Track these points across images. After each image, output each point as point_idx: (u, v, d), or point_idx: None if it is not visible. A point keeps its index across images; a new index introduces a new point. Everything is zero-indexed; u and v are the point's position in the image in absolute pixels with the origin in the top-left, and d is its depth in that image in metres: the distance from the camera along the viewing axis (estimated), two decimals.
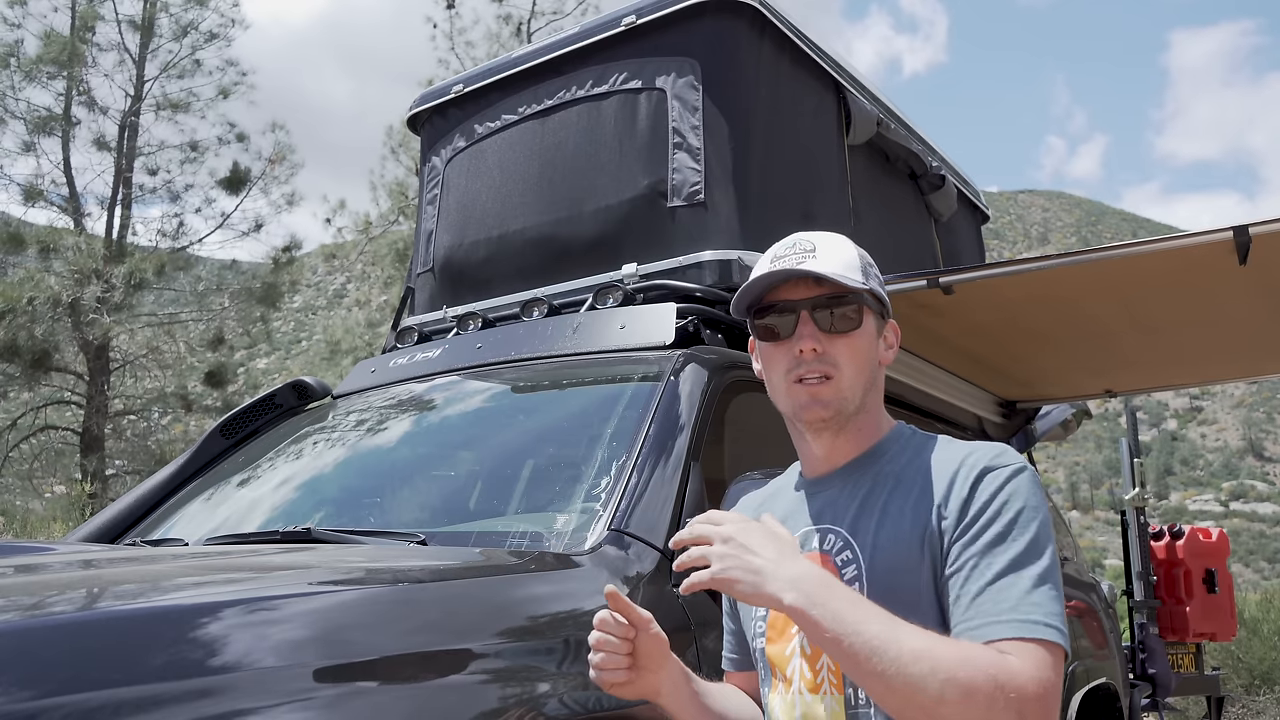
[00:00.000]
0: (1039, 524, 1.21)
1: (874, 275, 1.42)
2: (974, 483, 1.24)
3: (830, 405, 1.34)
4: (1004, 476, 1.24)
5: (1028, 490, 1.24)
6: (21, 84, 13.93)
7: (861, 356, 1.37)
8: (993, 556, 1.18)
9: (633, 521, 1.93)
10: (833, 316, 1.35)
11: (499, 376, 2.77)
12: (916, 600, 1.22)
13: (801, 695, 1.30)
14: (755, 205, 2.95)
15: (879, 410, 1.42)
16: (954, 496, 1.24)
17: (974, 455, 1.28)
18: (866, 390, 1.38)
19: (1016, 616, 1.13)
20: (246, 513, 2.54)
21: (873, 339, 1.39)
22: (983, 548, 1.19)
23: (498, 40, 15.33)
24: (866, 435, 1.39)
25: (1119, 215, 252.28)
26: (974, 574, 1.18)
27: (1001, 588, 1.16)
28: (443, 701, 1.35)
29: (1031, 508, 1.22)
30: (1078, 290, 2.96)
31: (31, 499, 13.24)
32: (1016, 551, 1.18)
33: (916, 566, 1.24)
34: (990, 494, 1.23)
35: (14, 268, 13.57)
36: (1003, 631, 1.13)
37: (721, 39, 3.01)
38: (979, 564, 1.18)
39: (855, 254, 1.40)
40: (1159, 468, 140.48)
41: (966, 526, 1.21)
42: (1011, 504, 1.22)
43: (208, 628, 1.20)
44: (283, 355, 50.81)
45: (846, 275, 1.35)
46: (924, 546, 1.24)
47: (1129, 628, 4.68)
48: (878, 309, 1.41)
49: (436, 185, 3.60)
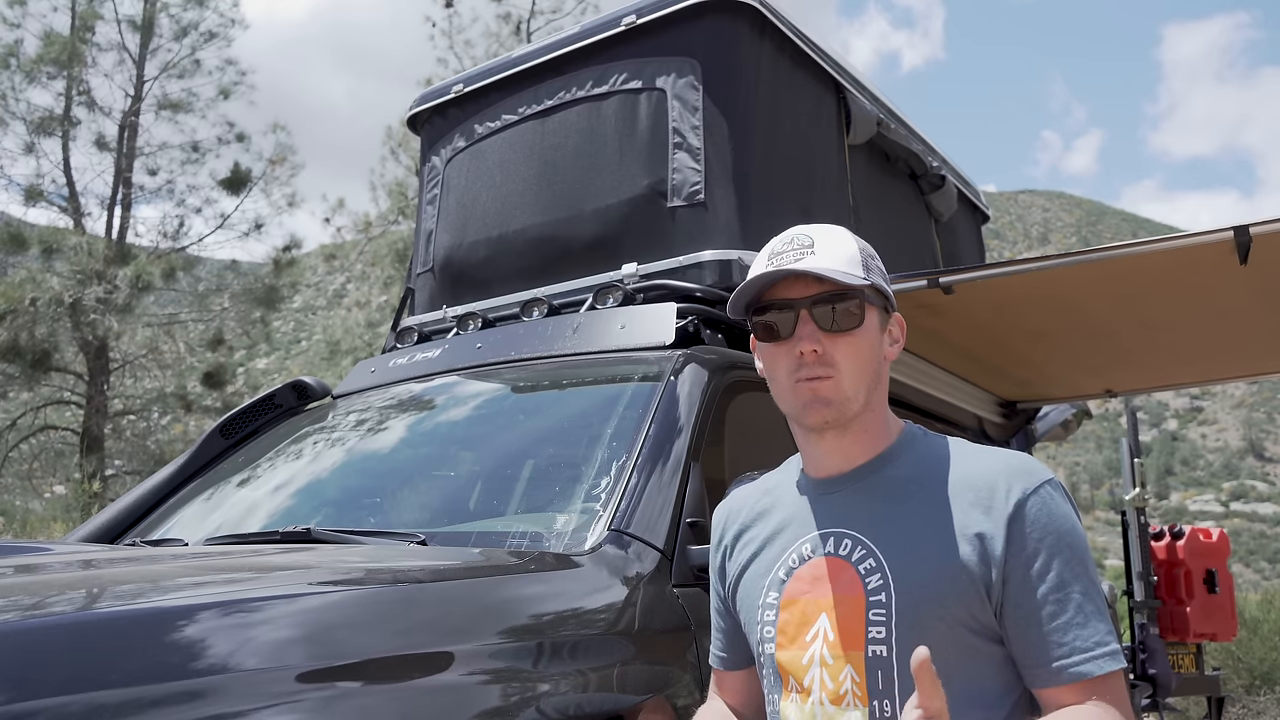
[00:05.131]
0: (1084, 545, 1.25)
1: (876, 268, 1.36)
2: (1021, 508, 1.24)
3: (832, 404, 1.30)
4: (1049, 500, 1.25)
5: (1069, 508, 1.27)
6: (21, 84, 13.94)
7: (864, 355, 1.32)
8: (1067, 591, 1.21)
9: (633, 521, 1.93)
10: (834, 314, 1.30)
11: (499, 376, 2.77)
12: (951, 617, 1.21)
13: (823, 706, 1.27)
14: (755, 205, 2.95)
15: (885, 409, 1.38)
16: (1000, 521, 1.23)
17: (1010, 474, 1.27)
18: (871, 388, 1.33)
19: (1106, 650, 1.20)
20: (246, 513, 2.54)
21: (876, 335, 1.35)
22: (1056, 584, 1.21)
23: (497, 40, 15.33)
24: (876, 436, 1.36)
25: (1119, 215, 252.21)
26: (1055, 609, 1.21)
27: (1083, 622, 1.20)
28: (443, 701, 1.35)
29: (1075, 528, 1.26)
30: (1078, 290, 2.95)
31: (31, 499, 13.24)
32: (1083, 586, 1.22)
33: (954, 585, 1.22)
34: (1044, 526, 1.23)
35: (14, 268, 13.57)
36: (1100, 667, 1.19)
37: (721, 39, 3.01)
38: (1059, 602, 1.21)
39: (856, 247, 1.35)
40: (1159, 468, 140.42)
41: (1028, 562, 1.22)
42: (1065, 534, 1.24)
43: (207, 628, 1.20)
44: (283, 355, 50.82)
45: (846, 271, 1.30)
46: (964, 567, 1.22)
47: (1129, 628, 4.67)
48: (881, 303, 1.36)
49: (436, 185, 3.60)
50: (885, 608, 1.23)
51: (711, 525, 1.56)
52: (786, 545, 1.37)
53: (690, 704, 1.70)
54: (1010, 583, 1.21)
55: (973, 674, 1.22)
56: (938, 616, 1.20)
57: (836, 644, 1.26)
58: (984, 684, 1.23)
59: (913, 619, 1.21)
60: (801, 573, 1.33)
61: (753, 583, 1.40)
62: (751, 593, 1.40)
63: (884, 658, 1.22)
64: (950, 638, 1.21)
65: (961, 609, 1.21)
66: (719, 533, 1.52)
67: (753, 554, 1.43)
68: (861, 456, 1.35)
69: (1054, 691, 1.19)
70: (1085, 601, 1.20)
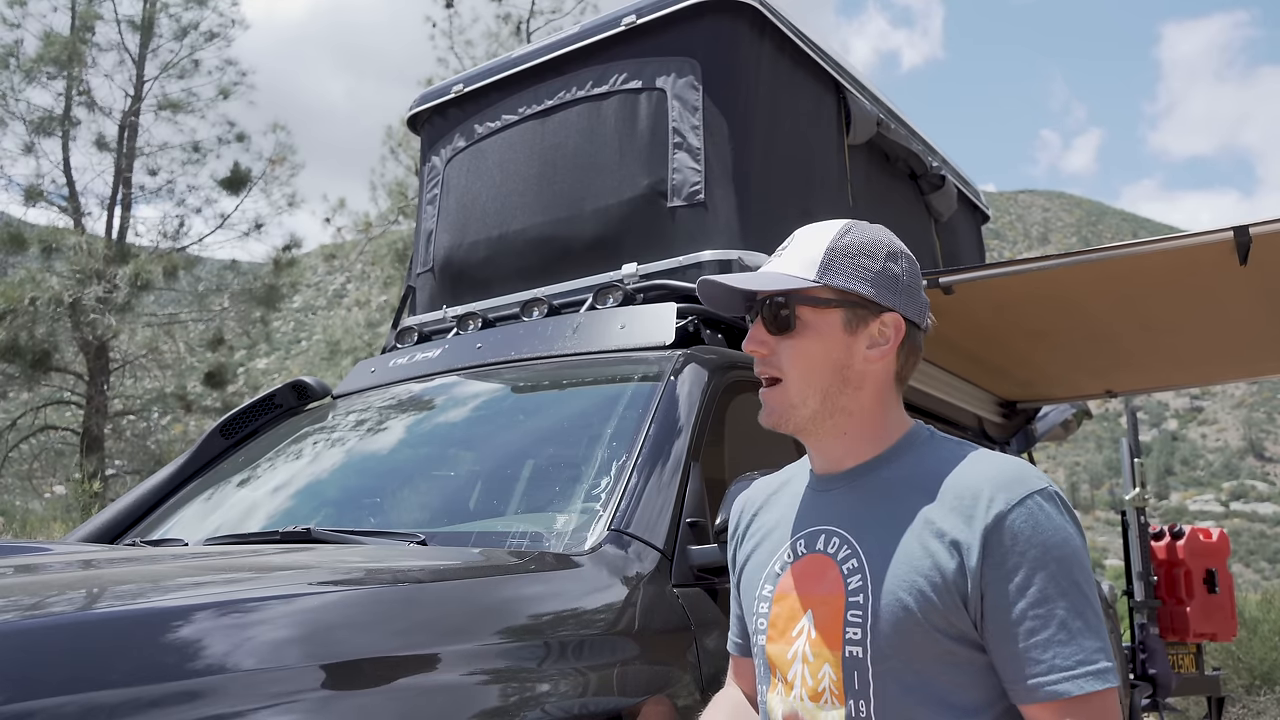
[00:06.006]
0: (1074, 558, 1.19)
1: (851, 268, 1.31)
2: (1000, 521, 1.19)
3: (776, 411, 1.31)
4: (1033, 510, 1.19)
5: (1058, 519, 1.20)
6: (21, 84, 13.94)
7: (808, 359, 1.30)
8: (1050, 607, 1.17)
9: (633, 521, 1.93)
10: (777, 317, 1.31)
11: (499, 376, 2.77)
12: (927, 621, 1.19)
13: (803, 702, 1.28)
14: (755, 205, 2.95)
15: (883, 410, 1.35)
16: (977, 531, 1.19)
17: (995, 484, 1.22)
18: (830, 393, 1.30)
19: (1089, 669, 1.15)
20: (246, 513, 2.54)
21: (831, 338, 1.31)
22: (1036, 599, 1.17)
23: (497, 40, 15.34)
24: (866, 438, 1.34)
25: (1119, 215, 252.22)
26: (1035, 625, 1.16)
27: (1065, 640, 1.16)
28: (442, 701, 1.35)
29: (1064, 541, 1.19)
30: (1078, 290, 2.96)
31: (31, 499, 13.24)
32: (1072, 599, 1.17)
33: (928, 589, 1.20)
34: (1027, 535, 1.18)
35: (14, 268, 13.58)
36: (1079, 687, 1.15)
37: (721, 39, 3.01)
38: (1040, 615, 1.16)
39: (823, 247, 1.32)
40: (1159, 468, 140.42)
41: (1009, 574, 1.17)
42: (1053, 542, 1.18)
43: (207, 628, 1.20)
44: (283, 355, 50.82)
45: (794, 275, 1.30)
46: (939, 572, 1.20)
47: (1129, 628, 4.68)
48: (847, 303, 1.31)
49: (436, 185, 3.60)
50: (863, 609, 1.23)
51: (730, 512, 1.57)
52: (784, 539, 1.38)
53: (690, 704, 1.70)
54: (988, 597, 1.19)
55: (952, 681, 1.21)
56: (913, 621, 1.18)
57: (819, 641, 1.26)
58: (964, 692, 1.21)
59: (889, 622, 1.20)
60: (794, 568, 1.34)
61: (753, 573, 1.42)
62: (751, 583, 1.42)
63: (860, 659, 1.22)
64: (926, 642, 1.19)
65: (937, 615, 1.20)
66: (735, 520, 1.53)
67: (756, 544, 1.44)
68: (862, 455, 1.34)
69: (1032, 710, 1.18)
70: (1071, 618, 1.16)
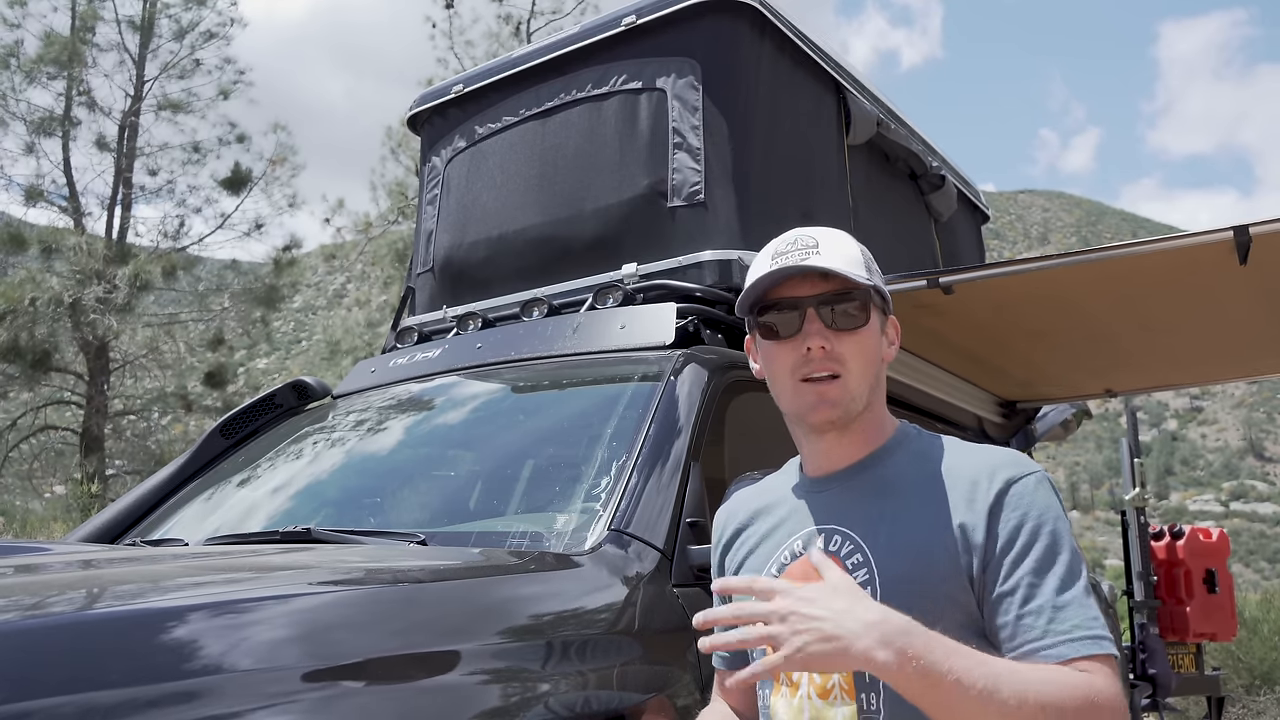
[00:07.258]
0: (1069, 533, 1.24)
1: (876, 271, 1.41)
2: (1001, 497, 1.25)
3: (838, 405, 1.33)
4: (1031, 488, 1.26)
5: (1054, 498, 1.27)
6: (21, 84, 13.95)
7: (868, 354, 1.36)
8: (1046, 577, 1.20)
9: (633, 521, 1.93)
10: (835, 313, 1.33)
11: (499, 376, 2.77)
12: (937, 610, 1.21)
13: (811, 701, 1.29)
14: (755, 205, 2.95)
15: (882, 409, 1.41)
16: (980, 511, 1.24)
17: (993, 466, 1.28)
18: (872, 388, 1.37)
19: (1084, 634, 1.17)
20: (246, 513, 2.54)
21: (878, 336, 1.38)
22: (1034, 568, 1.21)
23: (497, 40, 15.33)
24: (871, 435, 1.38)
25: (1119, 215, 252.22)
26: (1031, 594, 1.20)
27: (1060, 605, 1.18)
28: (442, 701, 1.35)
29: (1061, 517, 1.25)
30: (1078, 290, 2.95)
31: (31, 499, 13.24)
32: (1064, 569, 1.21)
33: (937, 578, 1.23)
34: (1024, 510, 1.24)
35: (14, 268, 13.58)
36: (1079, 650, 1.16)
37: (721, 39, 3.01)
38: (1035, 584, 1.20)
39: (857, 249, 1.39)
40: (1159, 468, 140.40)
41: (1007, 546, 1.22)
42: (1047, 518, 1.24)
43: (206, 628, 1.20)
44: (283, 355, 50.84)
45: (851, 271, 1.34)
46: (946, 558, 1.24)
47: (1129, 628, 4.68)
48: (881, 305, 1.39)
49: (436, 185, 3.60)
50: None
51: (712, 527, 1.58)
52: (779, 543, 1.39)
53: (690, 704, 1.70)
54: (989, 568, 1.23)
55: None
56: (921, 610, 1.20)
57: None
58: None
59: (897, 609, 1.21)
60: (792, 569, 1.35)
61: None
62: None
63: None
64: (944, 628, 1.20)
65: (945, 601, 1.22)
66: (719, 534, 1.55)
67: (748, 552, 1.45)
68: (856, 455, 1.38)
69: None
70: (1064, 586, 1.20)
